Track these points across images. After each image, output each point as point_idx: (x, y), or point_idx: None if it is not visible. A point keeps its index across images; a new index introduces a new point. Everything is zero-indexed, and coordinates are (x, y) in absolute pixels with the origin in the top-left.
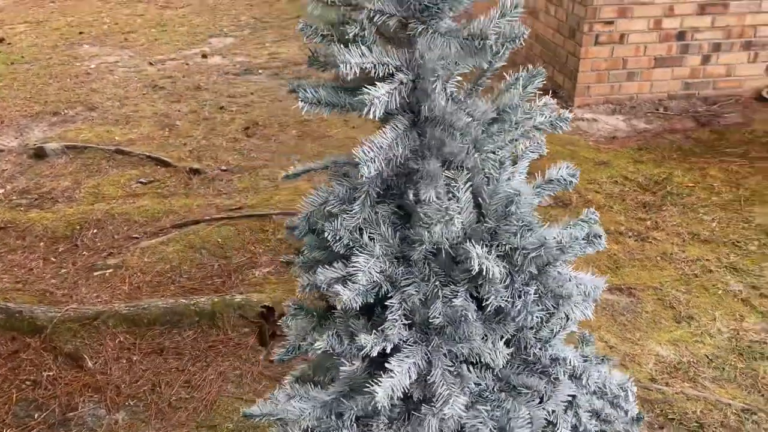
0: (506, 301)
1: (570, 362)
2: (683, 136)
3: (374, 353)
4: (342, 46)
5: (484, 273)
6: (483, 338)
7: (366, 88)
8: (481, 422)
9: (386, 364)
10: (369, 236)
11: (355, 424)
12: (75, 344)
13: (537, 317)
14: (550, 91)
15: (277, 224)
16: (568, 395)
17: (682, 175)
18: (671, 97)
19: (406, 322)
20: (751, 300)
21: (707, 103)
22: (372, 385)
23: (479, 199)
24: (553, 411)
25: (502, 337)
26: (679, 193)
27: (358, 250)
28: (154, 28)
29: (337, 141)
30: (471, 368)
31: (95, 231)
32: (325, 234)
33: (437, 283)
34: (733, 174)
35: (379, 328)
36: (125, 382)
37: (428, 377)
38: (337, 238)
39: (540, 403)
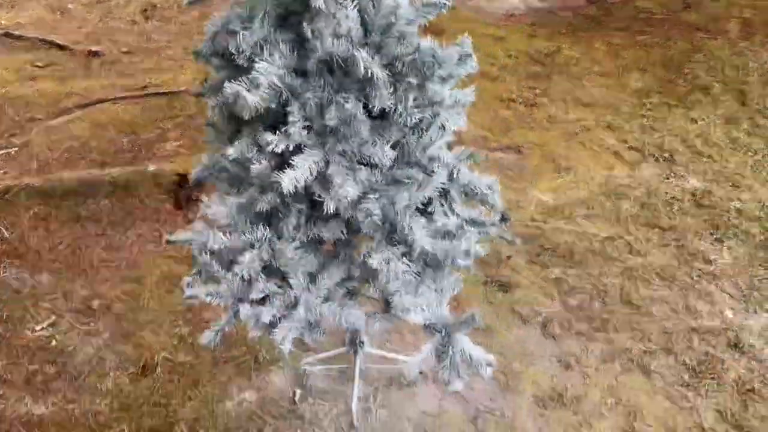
0: (390, 103)
1: (443, 159)
2: (574, 13)
3: (279, 150)
4: None
5: (371, 78)
6: (372, 143)
7: None
8: (370, 204)
9: (290, 161)
10: (269, 52)
11: (268, 226)
12: None
13: (415, 118)
14: None
15: (185, 102)
16: (441, 183)
17: (569, 48)
18: None
19: (306, 124)
20: (621, 152)
21: None
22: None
23: (364, 16)
24: (430, 197)
25: (388, 142)
26: (566, 64)
27: (259, 59)
28: None
29: None
30: (363, 168)
31: None
32: (229, 47)
33: (331, 90)
34: (615, 46)
35: (282, 129)
36: (45, 248)
37: (326, 173)
38: (240, 51)
39: (418, 189)
